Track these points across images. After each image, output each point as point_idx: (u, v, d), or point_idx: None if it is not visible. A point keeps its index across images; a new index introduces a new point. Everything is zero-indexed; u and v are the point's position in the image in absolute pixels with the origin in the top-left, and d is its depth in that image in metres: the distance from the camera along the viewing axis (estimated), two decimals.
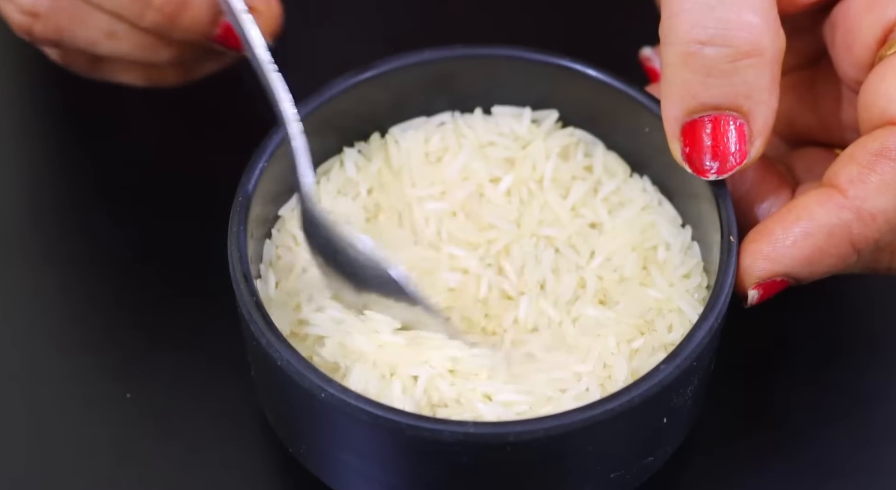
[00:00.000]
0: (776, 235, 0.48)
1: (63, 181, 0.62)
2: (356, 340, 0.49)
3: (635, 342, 0.50)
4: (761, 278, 0.48)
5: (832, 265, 0.48)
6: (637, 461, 0.49)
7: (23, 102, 0.64)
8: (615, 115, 0.54)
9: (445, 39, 0.54)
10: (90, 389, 0.55)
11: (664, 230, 0.52)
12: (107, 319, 0.57)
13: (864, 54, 0.50)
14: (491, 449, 0.46)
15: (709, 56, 0.47)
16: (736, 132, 0.48)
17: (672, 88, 0.48)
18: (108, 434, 0.54)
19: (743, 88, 0.48)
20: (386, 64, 0.53)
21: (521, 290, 0.52)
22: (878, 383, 0.56)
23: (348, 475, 0.49)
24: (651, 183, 0.54)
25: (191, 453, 0.53)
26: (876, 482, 0.54)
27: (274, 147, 0.51)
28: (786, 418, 0.55)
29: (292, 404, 0.48)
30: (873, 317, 0.58)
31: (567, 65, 0.53)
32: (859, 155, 0.48)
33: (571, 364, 0.49)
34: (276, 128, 0.51)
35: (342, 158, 0.54)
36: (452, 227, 0.53)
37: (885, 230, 0.48)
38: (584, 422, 0.46)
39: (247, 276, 0.48)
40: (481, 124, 0.55)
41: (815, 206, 0.48)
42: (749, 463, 0.54)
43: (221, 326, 0.54)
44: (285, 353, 0.47)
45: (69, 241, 0.60)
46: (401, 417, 0.46)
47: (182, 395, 0.55)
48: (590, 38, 0.65)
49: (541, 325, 0.51)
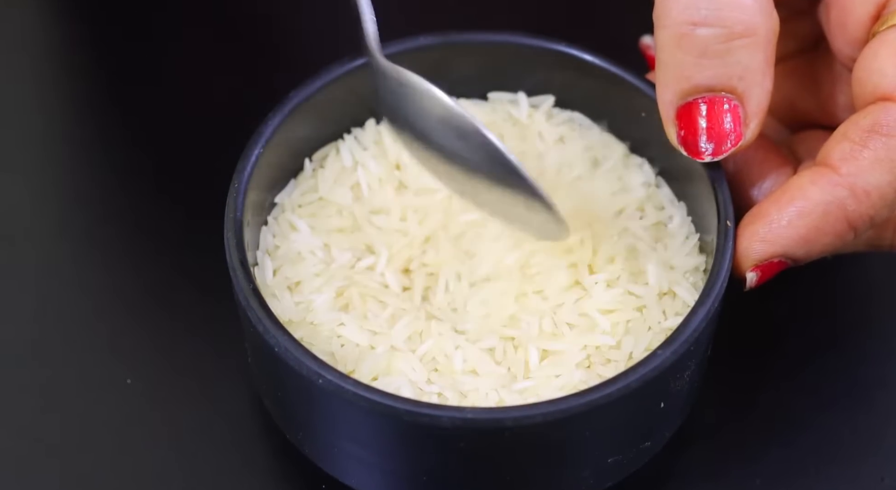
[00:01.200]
0: (771, 216, 0.48)
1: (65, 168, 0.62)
2: (352, 328, 0.49)
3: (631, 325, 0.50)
4: (758, 260, 0.48)
5: (829, 243, 0.48)
6: (635, 446, 0.49)
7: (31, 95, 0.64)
8: (611, 99, 0.54)
9: (442, 26, 0.54)
10: (90, 374, 0.55)
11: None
12: (107, 305, 0.57)
13: (858, 32, 0.50)
14: (489, 434, 0.46)
15: (702, 37, 0.47)
16: (731, 113, 0.48)
17: (666, 71, 0.48)
18: (107, 419, 0.54)
19: (737, 69, 0.47)
20: (382, 50, 0.53)
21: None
22: (876, 369, 0.56)
23: (346, 461, 0.49)
24: (650, 166, 0.54)
25: (189, 440, 0.53)
26: (875, 468, 0.53)
27: (270, 133, 0.51)
28: (784, 403, 0.55)
29: (290, 391, 0.48)
30: (872, 302, 0.58)
31: (563, 50, 0.53)
32: (852, 132, 0.48)
33: (569, 348, 0.49)
34: (273, 113, 0.51)
35: (338, 146, 0.54)
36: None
37: (879, 206, 0.48)
38: (582, 407, 0.46)
39: (243, 263, 0.48)
40: (477, 109, 0.55)
41: (809, 185, 0.48)
42: (747, 448, 0.53)
43: (220, 313, 0.54)
44: (282, 340, 0.47)
45: (70, 228, 0.60)
46: (399, 403, 0.46)
47: (181, 382, 0.55)
48: (588, 25, 0.65)
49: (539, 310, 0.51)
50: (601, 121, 0.55)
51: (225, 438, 0.53)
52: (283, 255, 0.52)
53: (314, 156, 0.54)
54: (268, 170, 0.51)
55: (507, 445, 0.47)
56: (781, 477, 0.53)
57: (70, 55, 0.57)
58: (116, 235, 0.59)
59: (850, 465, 0.54)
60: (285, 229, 0.52)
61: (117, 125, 0.62)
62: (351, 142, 0.54)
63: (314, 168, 0.54)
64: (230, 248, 0.49)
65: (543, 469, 0.48)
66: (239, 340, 0.52)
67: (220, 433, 0.54)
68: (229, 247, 0.49)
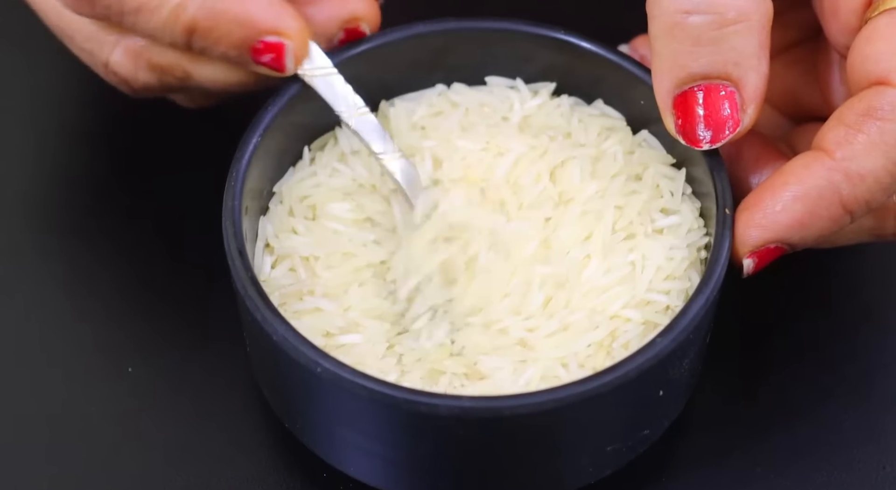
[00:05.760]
0: (766, 202, 0.48)
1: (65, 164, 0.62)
2: (354, 314, 0.49)
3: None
4: (755, 246, 0.48)
5: (825, 228, 0.48)
6: (634, 434, 0.49)
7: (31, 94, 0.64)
8: (610, 87, 0.54)
9: (441, 13, 0.54)
10: (92, 364, 0.55)
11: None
12: (108, 296, 0.57)
13: (850, 19, 0.49)
14: (487, 423, 0.46)
15: (695, 24, 0.47)
16: (727, 100, 0.48)
17: (661, 61, 0.48)
18: (108, 408, 0.54)
19: (731, 55, 0.47)
20: (380, 38, 0.53)
21: None
22: (876, 357, 0.56)
23: (345, 450, 0.49)
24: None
25: (188, 429, 0.53)
26: (876, 455, 0.53)
27: (268, 122, 0.51)
28: (784, 391, 0.55)
29: (288, 380, 0.48)
30: (872, 290, 0.58)
31: (562, 37, 0.53)
32: (846, 116, 0.48)
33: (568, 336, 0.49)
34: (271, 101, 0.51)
35: (336, 134, 0.54)
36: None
37: (875, 189, 0.47)
38: (580, 395, 0.46)
39: (241, 252, 0.48)
40: (476, 93, 0.55)
41: (803, 170, 0.48)
42: (747, 436, 0.53)
43: (221, 303, 0.54)
44: (281, 329, 0.47)
45: (70, 218, 0.60)
46: (397, 392, 0.46)
47: (181, 372, 0.55)
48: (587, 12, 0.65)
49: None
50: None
51: (224, 427, 0.53)
52: (283, 245, 0.52)
53: (313, 144, 0.54)
54: (266, 158, 0.51)
55: (506, 434, 0.47)
56: (781, 465, 0.53)
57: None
58: (116, 226, 0.59)
59: (851, 453, 0.53)
60: (285, 218, 0.52)
61: (116, 114, 0.62)
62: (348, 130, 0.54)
63: (313, 157, 0.54)
64: (228, 237, 0.49)
65: (542, 457, 0.48)
66: (238, 329, 0.51)
67: (220, 422, 0.54)
68: (227, 235, 0.49)
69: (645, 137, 0.53)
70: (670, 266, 0.50)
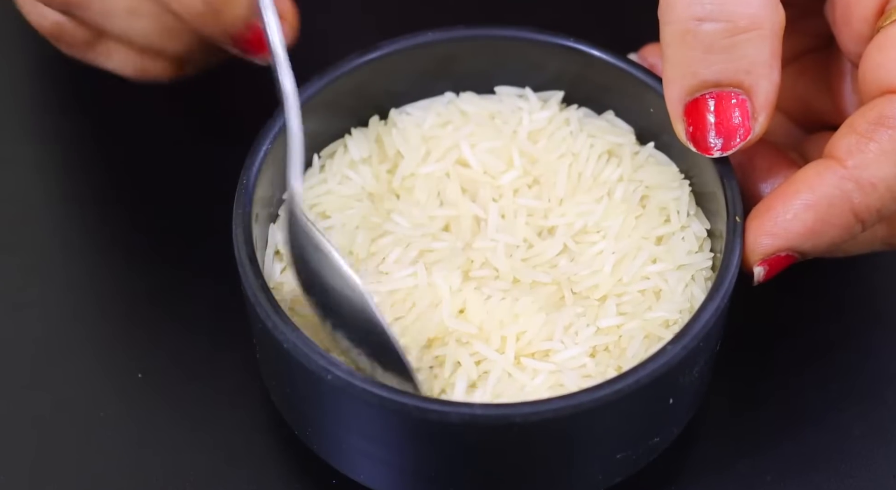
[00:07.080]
0: (777, 210, 0.48)
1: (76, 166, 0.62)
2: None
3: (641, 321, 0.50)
4: (765, 254, 0.48)
5: (836, 236, 0.48)
6: (643, 442, 0.49)
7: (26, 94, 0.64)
8: (620, 95, 0.54)
9: (450, 21, 0.54)
10: (102, 370, 0.56)
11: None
12: (120, 302, 0.57)
13: (862, 27, 0.49)
14: (497, 430, 0.46)
15: (707, 32, 0.47)
16: (738, 108, 0.48)
17: (673, 68, 0.48)
18: (118, 414, 0.54)
19: (743, 63, 0.47)
20: (389, 46, 0.53)
21: None
22: (887, 364, 0.56)
23: (354, 457, 0.49)
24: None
25: (198, 435, 0.54)
26: (887, 463, 0.53)
27: (278, 130, 0.51)
28: (794, 399, 0.55)
29: (298, 386, 0.48)
30: (882, 298, 0.58)
31: (571, 45, 0.53)
32: (858, 124, 0.48)
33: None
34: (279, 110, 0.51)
35: (346, 142, 0.54)
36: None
37: (887, 198, 0.47)
38: (591, 403, 0.46)
39: (252, 259, 0.48)
40: (485, 102, 0.55)
41: (815, 178, 0.48)
42: (757, 444, 0.53)
43: (231, 309, 0.54)
44: (291, 336, 0.47)
45: (79, 225, 0.60)
46: (407, 399, 0.46)
47: (191, 378, 0.55)
48: (596, 20, 0.65)
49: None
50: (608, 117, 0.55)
51: (234, 434, 0.54)
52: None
53: (322, 151, 0.54)
54: (276, 165, 0.51)
55: (516, 441, 0.47)
56: (792, 473, 0.53)
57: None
58: (126, 231, 0.59)
59: (862, 460, 0.53)
60: None
61: (123, 122, 0.62)
62: (358, 137, 0.54)
63: (322, 165, 0.54)
64: (238, 244, 0.49)
65: (552, 465, 0.48)
66: (248, 336, 0.52)
67: (229, 428, 0.54)
68: (238, 242, 0.49)
69: (651, 153, 0.53)
70: (676, 287, 0.50)
